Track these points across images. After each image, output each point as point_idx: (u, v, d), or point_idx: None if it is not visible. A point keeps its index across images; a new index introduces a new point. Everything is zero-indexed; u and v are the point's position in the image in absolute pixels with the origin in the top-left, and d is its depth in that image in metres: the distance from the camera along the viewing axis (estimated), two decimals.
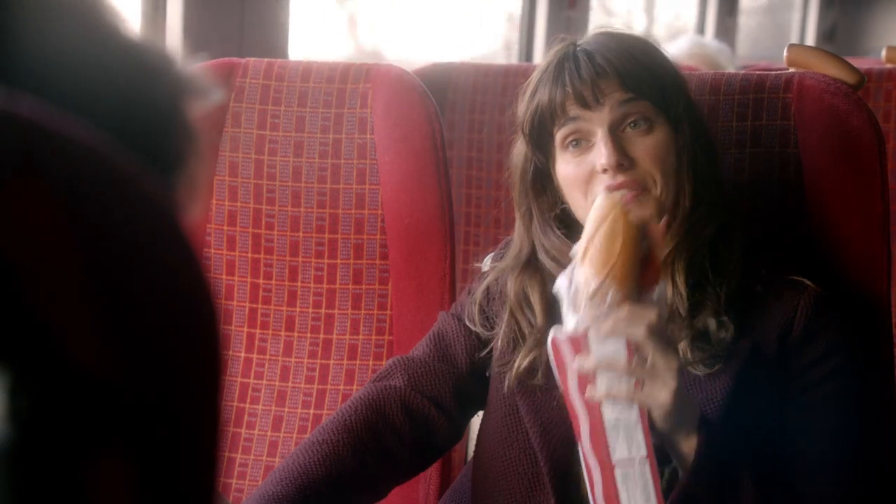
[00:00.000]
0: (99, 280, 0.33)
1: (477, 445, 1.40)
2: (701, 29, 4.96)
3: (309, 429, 1.64)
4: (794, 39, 6.13)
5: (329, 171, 1.66)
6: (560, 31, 3.45)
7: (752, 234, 1.31)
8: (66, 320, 0.32)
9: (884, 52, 2.59)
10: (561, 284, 1.16)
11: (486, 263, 1.40)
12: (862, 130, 1.38)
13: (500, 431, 1.32)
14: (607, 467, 1.12)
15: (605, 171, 1.20)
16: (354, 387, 1.65)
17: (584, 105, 1.21)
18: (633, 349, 1.10)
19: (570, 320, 1.14)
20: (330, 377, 1.66)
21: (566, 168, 1.24)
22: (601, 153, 1.20)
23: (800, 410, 1.22)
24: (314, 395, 1.66)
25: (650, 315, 1.10)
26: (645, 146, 1.21)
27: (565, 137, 1.23)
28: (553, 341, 1.14)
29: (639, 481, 1.11)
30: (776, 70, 1.53)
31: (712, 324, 1.22)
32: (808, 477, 1.20)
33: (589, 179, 1.22)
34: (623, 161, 1.20)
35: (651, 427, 1.12)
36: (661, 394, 1.10)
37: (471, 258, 2.26)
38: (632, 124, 1.21)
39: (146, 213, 0.35)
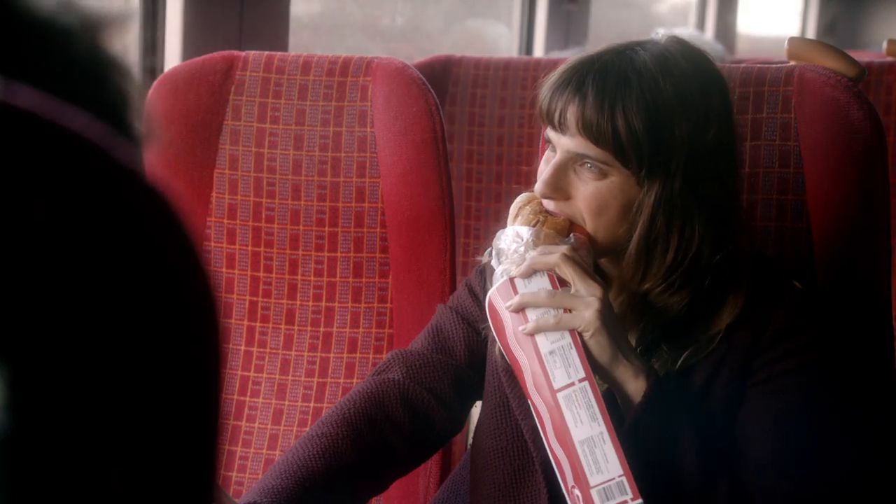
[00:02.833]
0: (98, 274, 0.33)
1: (473, 436, 1.41)
2: (701, 24, 4.96)
3: (309, 422, 1.64)
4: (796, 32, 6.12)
5: (329, 164, 1.66)
6: (560, 26, 3.45)
7: (751, 233, 1.30)
8: (63, 314, 0.32)
9: (884, 45, 2.59)
10: (497, 243, 1.22)
11: (487, 256, 1.41)
12: (862, 123, 1.38)
13: (491, 421, 1.33)
14: (551, 399, 1.14)
15: None
16: (354, 380, 1.65)
17: (552, 126, 1.21)
18: (557, 282, 1.16)
19: (497, 276, 1.20)
20: (330, 370, 1.66)
21: (543, 160, 1.25)
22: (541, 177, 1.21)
23: (750, 401, 1.20)
24: (314, 388, 1.66)
25: (562, 247, 1.16)
26: (586, 190, 1.19)
27: (547, 137, 1.24)
28: (488, 302, 1.19)
29: (581, 401, 1.12)
30: (777, 63, 1.53)
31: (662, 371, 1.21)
32: (751, 465, 1.19)
33: None
34: (554, 196, 1.19)
35: (590, 357, 1.14)
36: (586, 313, 1.13)
37: (471, 251, 2.26)
38: (589, 165, 1.18)
39: (146, 206, 0.35)
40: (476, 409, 1.44)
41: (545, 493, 1.25)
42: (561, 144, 1.20)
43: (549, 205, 1.21)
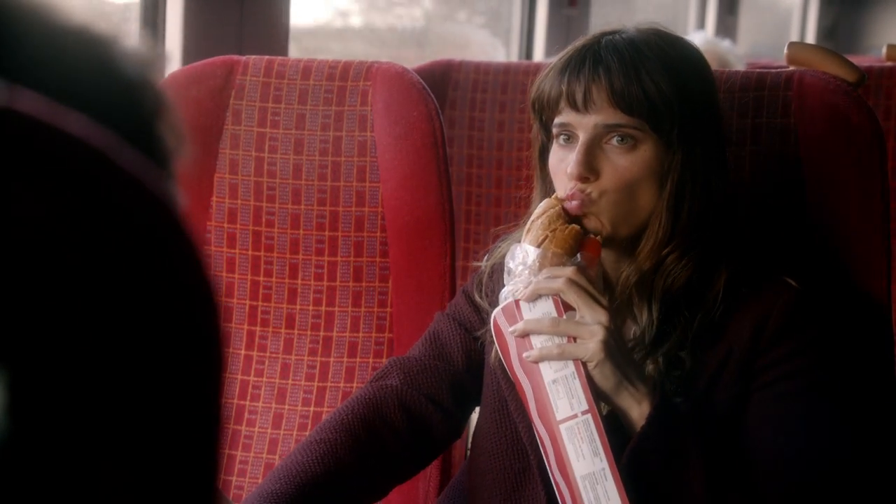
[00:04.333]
0: (99, 278, 0.33)
1: (472, 442, 1.41)
2: (701, 27, 4.96)
3: (309, 426, 1.64)
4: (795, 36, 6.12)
5: (329, 168, 1.66)
6: (560, 30, 3.45)
7: (749, 234, 1.30)
8: (64, 319, 0.32)
9: (884, 50, 2.59)
10: (507, 262, 1.20)
11: (485, 262, 1.41)
12: (862, 128, 1.38)
13: (490, 425, 1.33)
14: (554, 429, 1.13)
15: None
16: (354, 384, 1.65)
17: (574, 107, 1.21)
18: (563, 308, 1.14)
19: (503, 296, 1.19)
20: (330, 374, 1.66)
21: (554, 157, 1.25)
22: (572, 160, 1.20)
23: (755, 406, 1.20)
24: (314, 392, 1.66)
25: (567, 271, 1.14)
26: (618, 165, 1.19)
27: (557, 130, 1.24)
28: (493, 321, 1.18)
29: (584, 435, 1.11)
30: (777, 68, 1.53)
31: (675, 355, 1.20)
32: (760, 472, 1.18)
33: (565, 175, 1.23)
34: (589, 175, 1.19)
35: (593, 385, 1.13)
36: (590, 344, 1.12)
37: (471, 256, 2.26)
38: (618, 138, 1.19)
39: (148, 210, 0.35)
40: (475, 415, 1.44)
41: (544, 497, 1.25)
42: (585, 124, 1.20)
43: (578, 187, 1.19)
